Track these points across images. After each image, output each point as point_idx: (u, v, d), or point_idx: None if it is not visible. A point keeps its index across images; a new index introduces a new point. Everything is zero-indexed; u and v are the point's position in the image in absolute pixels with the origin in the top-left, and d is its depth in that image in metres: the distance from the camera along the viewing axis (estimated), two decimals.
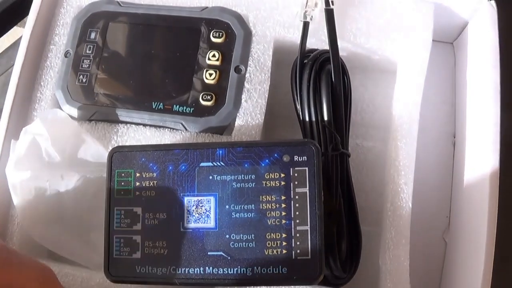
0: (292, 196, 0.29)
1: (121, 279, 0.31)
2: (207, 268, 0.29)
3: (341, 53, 0.35)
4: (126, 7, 0.37)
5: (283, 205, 0.29)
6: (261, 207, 0.29)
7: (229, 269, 0.29)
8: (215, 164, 0.30)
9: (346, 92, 0.36)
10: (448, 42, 0.42)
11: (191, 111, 0.34)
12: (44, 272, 0.27)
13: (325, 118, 0.34)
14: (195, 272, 0.29)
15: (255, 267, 0.29)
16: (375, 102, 0.39)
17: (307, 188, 0.29)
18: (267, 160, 0.30)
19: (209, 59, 0.35)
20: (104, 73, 0.36)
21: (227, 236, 0.29)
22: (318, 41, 0.36)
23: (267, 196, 0.29)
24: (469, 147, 0.37)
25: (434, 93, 0.40)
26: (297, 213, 0.29)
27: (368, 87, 0.39)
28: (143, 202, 0.30)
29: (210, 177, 0.30)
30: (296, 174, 0.29)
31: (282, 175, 0.29)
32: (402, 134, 0.34)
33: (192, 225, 0.30)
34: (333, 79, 0.34)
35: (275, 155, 0.30)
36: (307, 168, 0.29)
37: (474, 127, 0.36)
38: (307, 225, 0.29)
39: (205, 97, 0.34)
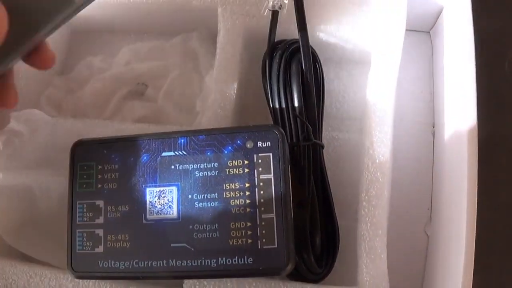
0: (256, 183, 0.28)
1: (84, 275, 0.30)
2: (170, 260, 0.28)
3: (314, 45, 0.34)
4: None
5: (247, 193, 0.28)
6: (224, 196, 0.28)
7: (193, 261, 0.28)
8: (177, 153, 0.29)
9: (318, 81, 0.35)
10: (425, 31, 0.41)
11: None
12: None
13: (296, 107, 0.34)
14: (158, 265, 0.28)
15: (220, 258, 0.27)
16: (350, 94, 0.38)
17: (272, 174, 0.28)
18: (229, 147, 0.29)
19: None
20: None
21: (190, 226, 0.28)
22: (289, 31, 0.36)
23: (231, 184, 0.28)
24: (448, 137, 0.35)
25: (412, 83, 0.39)
26: (262, 200, 0.28)
27: (343, 78, 0.38)
28: (105, 195, 0.29)
29: (172, 167, 0.29)
30: (260, 161, 0.28)
31: (246, 162, 0.28)
32: (376, 122, 0.33)
33: (154, 216, 0.29)
34: (303, 67, 0.34)
35: (238, 141, 0.29)
36: (271, 154, 0.28)
37: (452, 117, 0.35)
38: (273, 213, 0.27)
39: None
